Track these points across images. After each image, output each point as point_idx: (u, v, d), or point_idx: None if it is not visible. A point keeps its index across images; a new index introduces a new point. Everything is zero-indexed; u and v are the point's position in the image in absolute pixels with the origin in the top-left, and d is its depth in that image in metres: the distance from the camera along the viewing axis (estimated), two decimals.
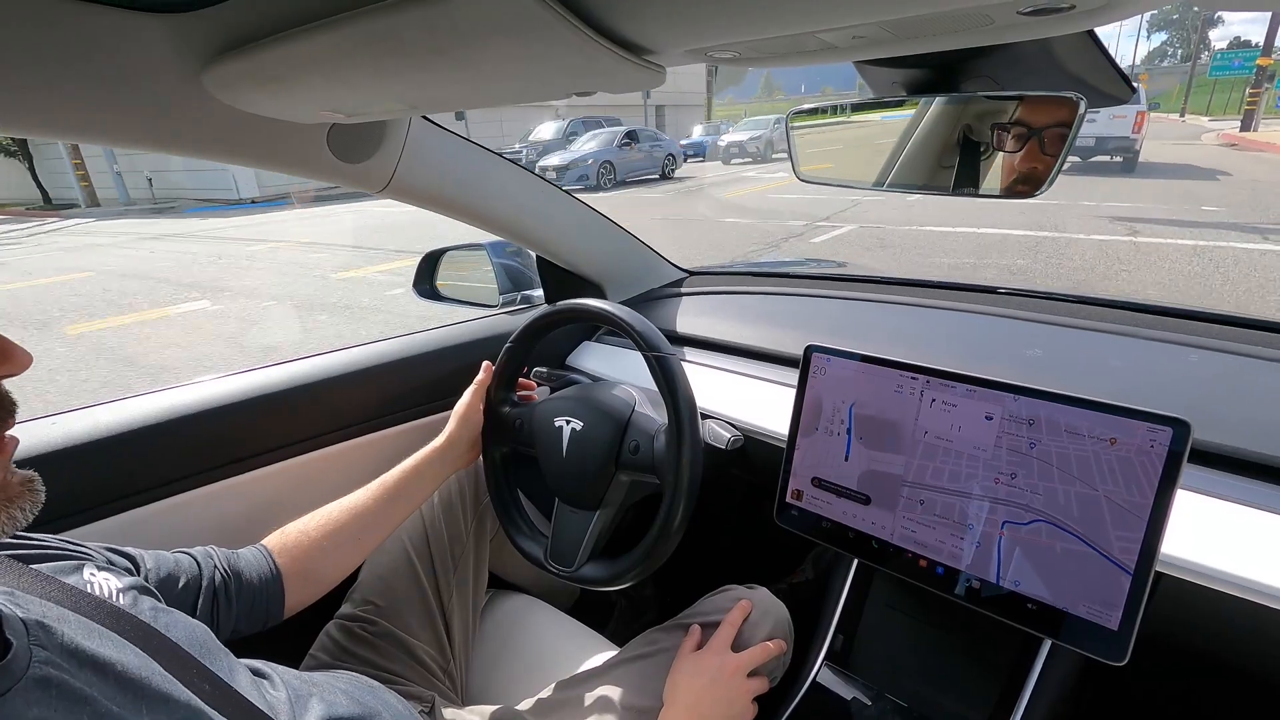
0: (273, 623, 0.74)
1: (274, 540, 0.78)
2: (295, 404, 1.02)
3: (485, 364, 0.98)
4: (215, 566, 0.71)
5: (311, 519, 0.80)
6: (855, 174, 0.89)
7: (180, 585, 0.66)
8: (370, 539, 0.83)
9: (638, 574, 0.84)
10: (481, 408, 0.95)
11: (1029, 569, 0.64)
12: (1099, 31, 0.58)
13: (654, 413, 0.90)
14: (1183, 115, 35.34)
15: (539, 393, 1.09)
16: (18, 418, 0.44)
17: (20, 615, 0.41)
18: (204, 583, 0.68)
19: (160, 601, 0.56)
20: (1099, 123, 11.15)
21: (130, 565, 0.63)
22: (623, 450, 0.87)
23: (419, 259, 1.43)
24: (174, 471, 0.91)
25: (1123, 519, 0.59)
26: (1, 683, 0.37)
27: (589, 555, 0.88)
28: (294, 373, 1.03)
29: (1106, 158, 11.69)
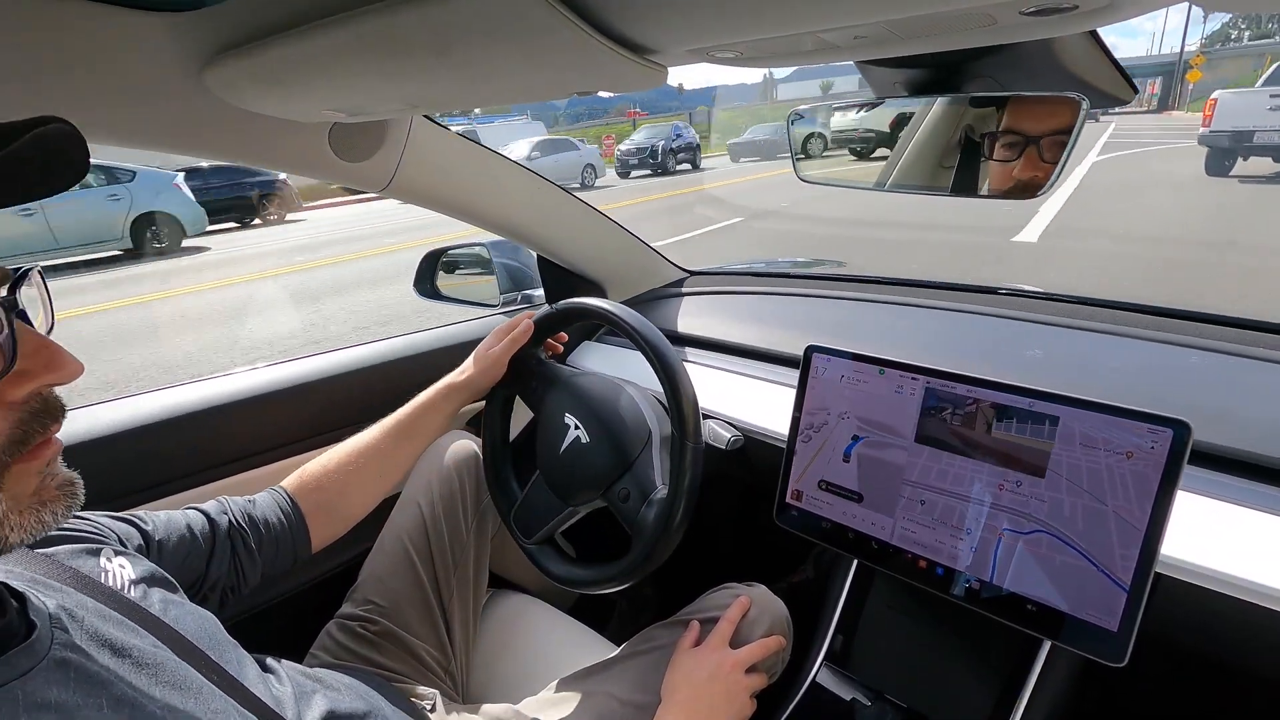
0: (303, 559, 0.77)
1: (292, 481, 0.81)
2: (296, 403, 1.02)
3: (526, 321, 0.95)
4: (230, 522, 0.72)
5: (330, 457, 0.83)
6: (857, 174, 0.89)
7: (190, 544, 0.67)
8: (390, 476, 0.86)
9: (637, 574, 0.84)
10: (507, 361, 0.94)
11: (1026, 573, 0.64)
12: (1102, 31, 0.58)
13: (662, 460, 0.86)
14: None
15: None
16: None
17: (43, 599, 0.42)
18: (218, 539, 0.70)
19: (171, 592, 0.56)
20: None
21: (138, 534, 0.63)
22: (613, 489, 0.85)
23: None
24: (174, 470, 0.91)
25: (1128, 536, 0.58)
26: (25, 661, 0.38)
27: (547, 538, 0.92)
28: (295, 372, 1.03)
29: None
